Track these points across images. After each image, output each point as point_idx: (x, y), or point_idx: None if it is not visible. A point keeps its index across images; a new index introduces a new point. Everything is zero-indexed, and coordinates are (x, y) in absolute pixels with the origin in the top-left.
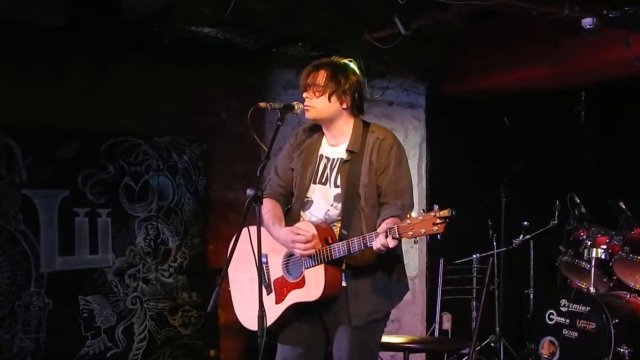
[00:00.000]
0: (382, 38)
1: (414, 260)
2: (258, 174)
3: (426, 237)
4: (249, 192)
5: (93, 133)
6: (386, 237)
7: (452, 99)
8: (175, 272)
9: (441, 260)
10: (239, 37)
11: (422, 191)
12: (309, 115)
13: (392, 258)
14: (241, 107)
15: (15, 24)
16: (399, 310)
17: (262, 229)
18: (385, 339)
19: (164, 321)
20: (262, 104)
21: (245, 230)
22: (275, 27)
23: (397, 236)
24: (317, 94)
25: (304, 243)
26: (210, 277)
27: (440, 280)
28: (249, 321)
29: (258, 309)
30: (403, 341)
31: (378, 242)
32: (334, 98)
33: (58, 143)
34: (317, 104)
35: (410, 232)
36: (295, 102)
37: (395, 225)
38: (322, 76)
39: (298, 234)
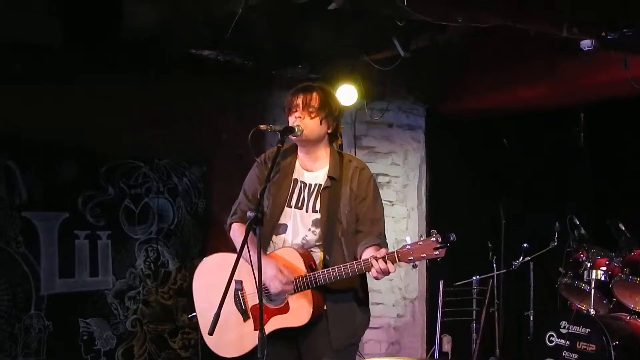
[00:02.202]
0: (381, 60)
1: (413, 282)
2: (258, 196)
3: (426, 261)
4: (250, 214)
5: (93, 155)
6: (385, 262)
7: (451, 120)
8: (175, 294)
9: (441, 282)
10: (238, 59)
11: (422, 213)
12: (301, 135)
13: (364, 284)
14: (241, 129)
15: (14, 45)
16: (399, 332)
17: (228, 255)
18: None
19: (164, 343)
20: (262, 127)
21: (206, 259)
22: (274, 49)
23: (398, 261)
24: (311, 115)
25: (285, 283)
26: None
27: (440, 302)
28: (220, 347)
29: (258, 332)
30: None
31: (377, 267)
32: (324, 121)
33: (58, 165)
34: (310, 124)
35: (411, 257)
36: (295, 124)
37: (395, 251)
38: (316, 98)
39: (281, 272)
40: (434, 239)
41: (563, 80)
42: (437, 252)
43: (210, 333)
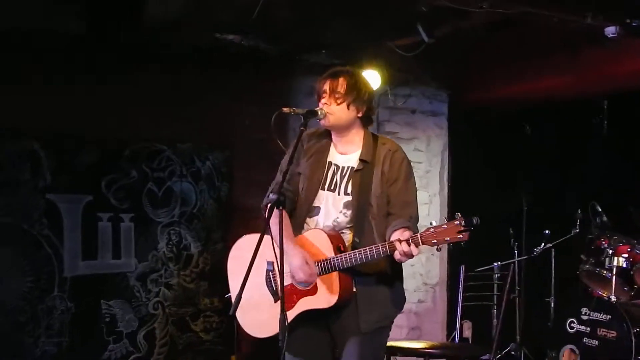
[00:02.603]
0: (405, 46)
1: (435, 268)
2: (281, 179)
3: (449, 245)
4: (272, 196)
5: (116, 139)
6: (409, 245)
7: (474, 107)
8: (197, 277)
9: (462, 267)
10: (262, 44)
11: (444, 199)
12: (327, 121)
13: (397, 267)
14: (264, 114)
15: (39, 32)
16: (420, 318)
17: (266, 236)
18: (405, 344)
19: (185, 326)
20: (285, 110)
21: (243, 238)
22: (298, 34)
23: (421, 244)
24: (337, 101)
25: (309, 275)
26: None
27: (460, 287)
28: (253, 327)
29: (279, 313)
30: (423, 346)
31: (401, 250)
32: (352, 106)
33: (82, 149)
34: (337, 111)
35: (435, 240)
36: (318, 108)
37: (419, 233)
38: (342, 84)
39: (307, 263)
40: (458, 222)
41: (587, 69)
42: (460, 236)
43: (232, 314)
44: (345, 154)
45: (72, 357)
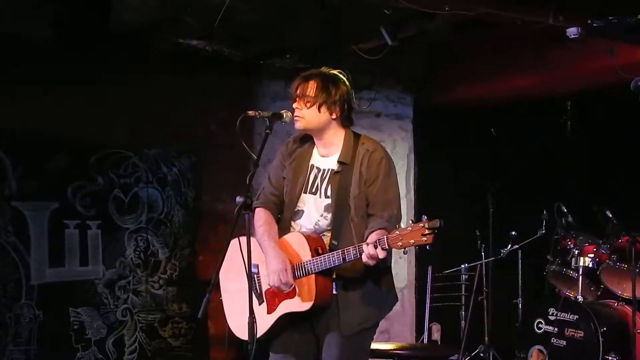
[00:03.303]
0: (369, 49)
1: (403, 271)
2: (247, 182)
3: (415, 247)
4: (239, 199)
5: (82, 145)
6: (375, 247)
7: (439, 109)
8: (165, 283)
9: (429, 268)
10: (226, 49)
11: (410, 202)
12: (299, 125)
13: (382, 269)
14: (230, 119)
15: (5, 36)
16: (389, 321)
17: (253, 239)
18: (374, 346)
19: (154, 333)
20: (250, 113)
21: (235, 240)
22: (263, 39)
23: (387, 247)
24: (307, 104)
25: (283, 283)
26: (200, 288)
27: (428, 288)
28: (240, 330)
29: (248, 316)
30: (392, 348)
31: (367, 253)
32: (323, 109)
33: (47, 155)
34: (307, 114)
35: (400, 243)
36: (283, 111)
37: (385, 236)
38: (312, 87)
39: (285, 271)
40: (422, 224)
41: (551, 69)
42: (425, 239)
43: (200, 317)
44: (326, 156)
45: None
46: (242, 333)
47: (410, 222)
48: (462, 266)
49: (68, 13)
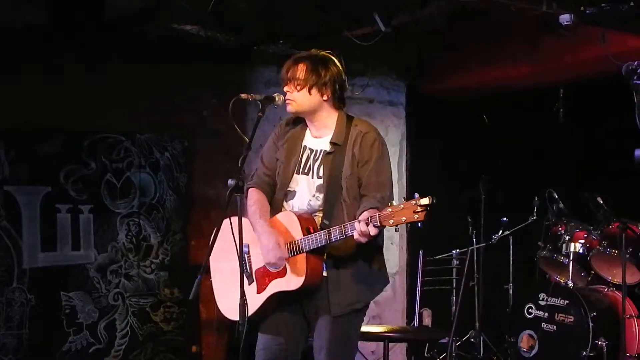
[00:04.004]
0: (362, 35)
1: (394, 256)
2: (239, 165)
3: (407, 225)
4: (231, 182)
5: (75, 130)
6: (367, 224)
7: (432, 96)
8: (157, 268)
9: (421, 252)
10: (220, 35)
11: (402, 188)
12: (290, 108)
13: (373, 249)
14: (222, 105)
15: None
16: (380, 306)
17: (244, 219)
18: (365, 328)
19: (146, 317)
20: (243, 96)
21: (226, 220)
22: (256, 25)
23: (378, 224)
24: (297, 87)
25: (278, 258)
26: (192, 273)
27: (419, 271)
28: (230, 311)
29: (239, 297)
30: (383, 330)
31: (359, 230)
32: (314, 91)
33: (40, 140)
34: (298, 97)
35: (392, 220)
36: (276, 94)
37: (376, 214)
38: (301, 69)
39: (279, 246)
40: (415, 202)
41: (544, 58)
42: (417, 216)
43: (191, 298)
44: (319, 137)
45: (32, 349)
46: (231, 314)
47: (403, 199)
48: (454, 252)
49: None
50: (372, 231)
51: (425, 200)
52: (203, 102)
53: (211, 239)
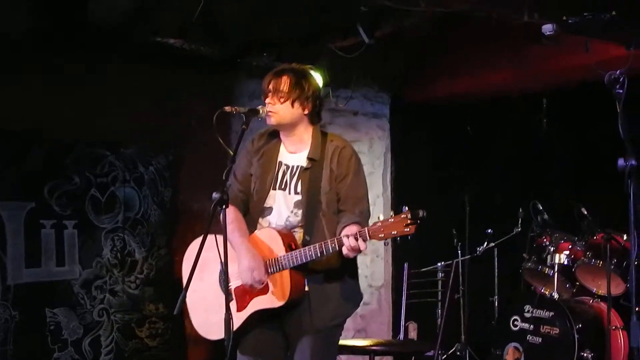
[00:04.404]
0: (346, 47)
1: (379, 270)
2: (224, 177)
3: (397, 239)
4: (215, 195)
5: (59, 144)
6: (356, 239)
7: (416, 108)
8: (142, 283)
9: (405, 265)
10: (204, 47)
11: (387, 200)
12: (272, 121)
13: (351, 263)
14: (207, 118)
15: None
16: (365, 319)
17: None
18: (351, 342)
19: (131, 333)
20: (227, 109)
21: (198, 238)
22: (239, 37)
23: (368, 238)
24: (280, 99)
25: (256, 281)
26: (177, 288)
27: (405, 284)
28: (208, 329)
29: (224, 313)
30: (369, 344)
31: (348, 245)
32: (296, 104)
33: (23, 154)
34: (281, 109)
35: (381, 234)
36: (260, 107)
37: (365, 228)
38: (285, 82)
39: (258, 268)
40: (405, 215)
41: (527, 66)
42: (407, 229)
43: (175, 313)
44: (295, 152)
45: None
46: (207, 331)
47: (391, 213)
48: (439, 264)
49: (45, 8)
50: (362, 246)
51: (416, 214)
52: (187, 115)
53: (196, 253)
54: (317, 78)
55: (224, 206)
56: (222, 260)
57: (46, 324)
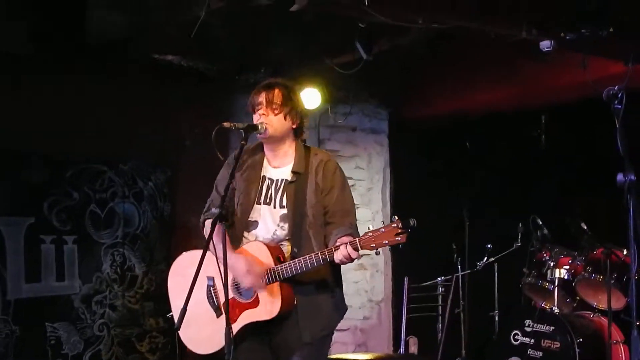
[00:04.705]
0: (344, 63)
1: (379, 284)
2: (223, 193)
3: (391, 252)
4: (214, 210)
5: (58, 160)
6: (352, 249)
7: (414, 123)
8: (142, 298)
9: (406, 279)
10: (201, 64)
11: (386, 216)
12: (267, 132)
13: (337, 275)
14: (205, 134)
15: None
16: (366, 334)
17: (205, 252)
18: (352, 356)
19: (131, 347)
20: (226, 124)
21: (186, 255)
22: (237, 54)
23: (359, 248)
24: (275, 111)
25: (255, 278)
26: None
27: (405, 298)
28: (198, 344)
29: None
30: (370, 358)
31: (340, 254)
32: (288, 117)
33: (23, 170)
34: (275, 121)
35: (373, 244)
36: (259, 123)
37: (357, 238)
38: (278, 95)
39: (252, 267)
40: (395, 225)
41: (524, 83)
42: (398, 238)
43: (177, 328)
44: (279, 167)
45: None
46: (196, 346)
47: (382, 223)
48: (439, 279)
49: (43, 26)
50: (353, 254)
51: (406, 223)
52: (185, 131)
53: (195, 271)
54: (315, 94)
55: (224, 221)
56: (222, 272)
57: (47, 338)
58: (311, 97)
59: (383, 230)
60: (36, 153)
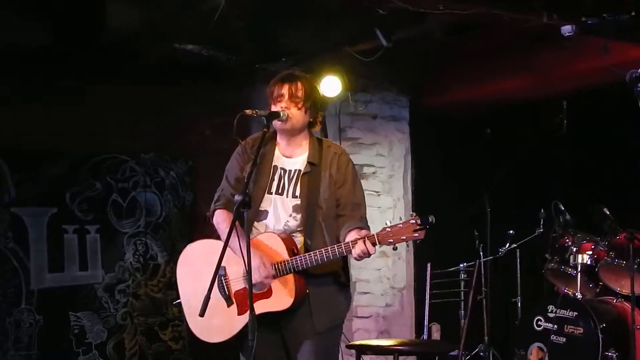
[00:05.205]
0: (364, 51)
1: (401, 271)
2: (245, 180)
3: (406, 243)
4: (237, 197)
5: (80, 151)
6: (365, 244)
7: (435, 110)
8: (165, 287)
9: (428, 266)
10: (221, 54)
11: (407, 203)
12: (286, 125)
13: (346, 267)
14: (225, 124)
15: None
16: (388, 321)
17: (211, 240)
18: (374, 342)
19: (154, 336)
20: (247, 112)
21: (195, 244)
22: (257, 43)
23: (377, 243)
24: (298, 105)
25: (265, 277)
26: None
27: (427, 285)
28: (209, 332)
29: (249, 313)
30: (393, 344)
31: (359, 249)
32: (309, 111)
33: (45, 162)
34: (297, 114)
35: (391, 240)
36: (280, 109)
37: (375, 233)
38: (301, 88)
39: (264, 264)
40: (413, 221)
41: (545, 70)
42: (416, 234)
43: (201, 315)
44: (292, 157)
45: None
46: (207, 335)
47: (400, 218)
48: (461, 265)
49: (62, 23)
50: (372, 250)
51: (424, 220)
52: (206, 122)
53: (218, 259)
54: (336, 82)
55: (247, 208)
56: (245, 261)
57: (70, 327)
58: (332, 85)
59: (401, 225)
60: (58, 144)
